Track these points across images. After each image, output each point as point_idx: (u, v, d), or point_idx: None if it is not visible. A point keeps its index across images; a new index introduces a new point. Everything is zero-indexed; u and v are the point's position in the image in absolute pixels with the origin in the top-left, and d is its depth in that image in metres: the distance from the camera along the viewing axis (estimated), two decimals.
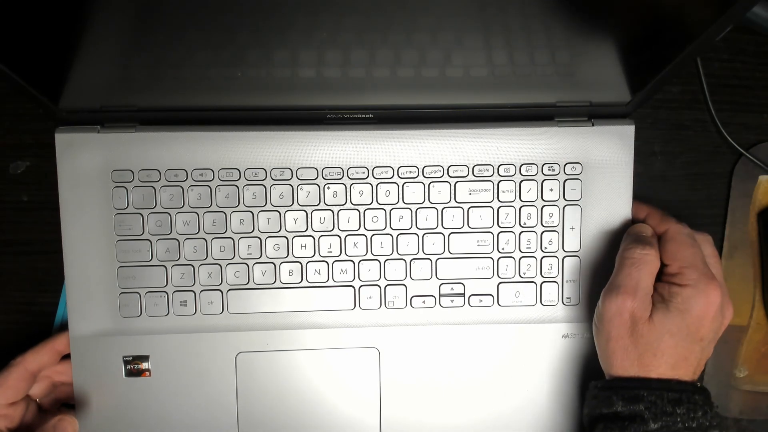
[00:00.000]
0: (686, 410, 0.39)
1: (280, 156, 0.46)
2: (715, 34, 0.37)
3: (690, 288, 0.41)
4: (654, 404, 0.40)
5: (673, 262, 0.42)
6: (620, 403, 0.40)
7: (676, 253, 0.42)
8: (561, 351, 0.48)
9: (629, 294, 0.42)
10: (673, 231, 0.43)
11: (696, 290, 0.41)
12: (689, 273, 0.41)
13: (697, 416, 0.40)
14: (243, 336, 0.47)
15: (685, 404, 0.40)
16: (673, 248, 0.42)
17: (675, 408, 0.40)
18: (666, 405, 0.40)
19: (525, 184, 0.47)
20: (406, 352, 0.48)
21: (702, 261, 0.42)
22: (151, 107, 0.45)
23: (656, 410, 0.39)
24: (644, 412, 0.40)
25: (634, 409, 0.40)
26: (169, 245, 0.46)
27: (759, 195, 0.51)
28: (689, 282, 0.41)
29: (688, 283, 0.41)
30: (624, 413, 0.40)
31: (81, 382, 0.46)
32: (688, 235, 0.43)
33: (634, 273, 0.42)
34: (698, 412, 0.40)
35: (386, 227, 0.47)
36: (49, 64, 0.40)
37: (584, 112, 0.47)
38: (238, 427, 0.47)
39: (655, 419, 0.39)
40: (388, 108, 0.46)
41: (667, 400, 0.40)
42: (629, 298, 0.41)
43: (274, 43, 0.38)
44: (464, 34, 0.38)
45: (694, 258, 0.42)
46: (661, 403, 0.40)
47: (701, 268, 0.42)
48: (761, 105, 0.51)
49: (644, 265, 0.42)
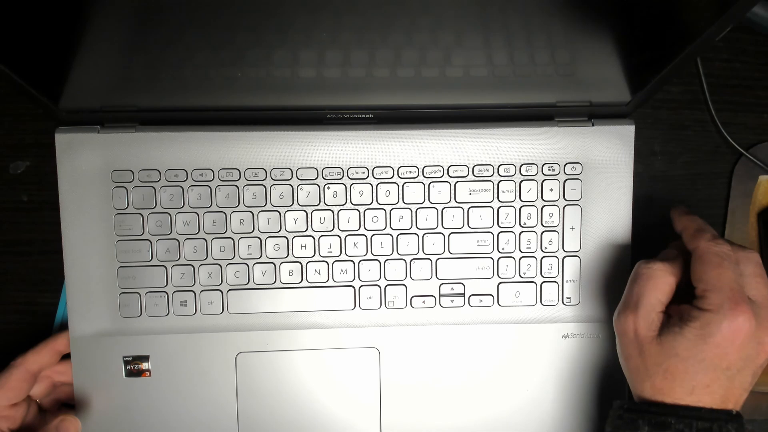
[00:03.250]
0: None
1: (280, 156, 0.46)
2: (715, 34, 0.37)
3: (711, 313, 0.38)
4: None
5: (698, 284, 0.40)
6: (646, 428, 0.38)
7: (700, 274, 0.40)
8: (561, 351, 0.48)
9: (630, 310, 0.41)
10: (701, 250, 0.40)
11: (719, 316, 0.38)
12: (712, 297, 0.39)
13: None
14: (243, 336, 0.47)
15: None
16: (698, 269, 0.40)
17: None
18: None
19: (525, 184, 0.47)
20: (406, 353, 0.48)
21: (731, 284, 0.39)
22: (151, 107, 0.45)
23: None
24: None
25: None
26: (169, 245, 0.46)
27: (759, 195, 0.51)
28: (711, 307, 0.38)
29: (709, 308, 0.38)
30: None
31: (81, 382, 0.46)
32: (718, 254, 0.40)
33: (635, 288, 0.41)
34: None
35: (386, 227, 0.47)
36: (49, 64, 0.40)
37: (584, 112, 0.47)
38: (238, 427, 0.47)
39: None
40: (388, 108, 0.46)
41: (696, 429, 0.38)
42: (630, 314, 0.40)
43: (274, 43, 0.38)
44: (464, 34, 0.38)
45: (719, 280, 0.39)
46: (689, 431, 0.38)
47: (727, 292, 0.38)
48: (761, 105, 0.51)
49: (647, 281, 0.41)
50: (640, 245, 0.48)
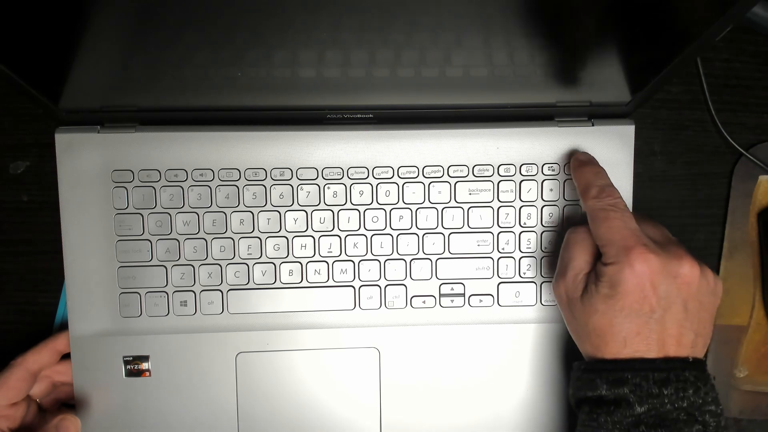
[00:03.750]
0: (674, 390, 0.37)
1: (280, 156, 0.46)
2: (715, 34, 0.37)
3: (613, 266, 0.39)
4: (639, 386, 0.37)
5: (597, 242, 0.41)
6: (604, 386, 0.38)
7: (595, 231, 0.41)
8: (561, 351, 0.48)
9: (560, 275, 0.42)
10: (589, 208, 0.42)
11: (619, 266, 0.39)
12: (608, 250, 0.39)
13: (688, 395, 0.37)
14: (243, 336, 0.47)
15: (674, 383, 0.37)
16: (592, 228, 0.41)
17: (662, 389, 0.37)
18: (652, 386, 0.37)
19: (525, 184, 0.47)
20: (406, 352, 0.48)
21: (621, 232, 0.39)
22: (151, 107, 0.45)
23: (641, 393, 0.37)
24: (629, 395, 0.37)
25: (618, 393, 0.38)
26: (169, 245, 0.46)
27: (759, 195, 0.51)
28: (611, 260, 0.39)
29: (610, 261, 0.39)
30: (609, 397, 0.38)
31: (81, 382, 0.46)
32: (603, 208, 0.41)
33: (564, 254, 0.43)
34: (689, 390, 0.37)
35: (386, 227, 0.47)
36: (49, 64, 0.40)
37: (584, 112, 0.47)
38: (238, 427, 0.47)
39: (641, 402, 0.37)
40: (388, 108, 0.46)
41: (653, 381, 0.37)
42: (561, 278, 0.42)
43: (274, 43, 0.38)
44: (464, 34, 0.38)
45: (609, 233, 0.40)
46: (646, 384, 0.37)
47: (619, 241, 0.39)
48: (761, 105, 0.51)
49: (573, 245, 0.42)
50: None
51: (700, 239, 0.51)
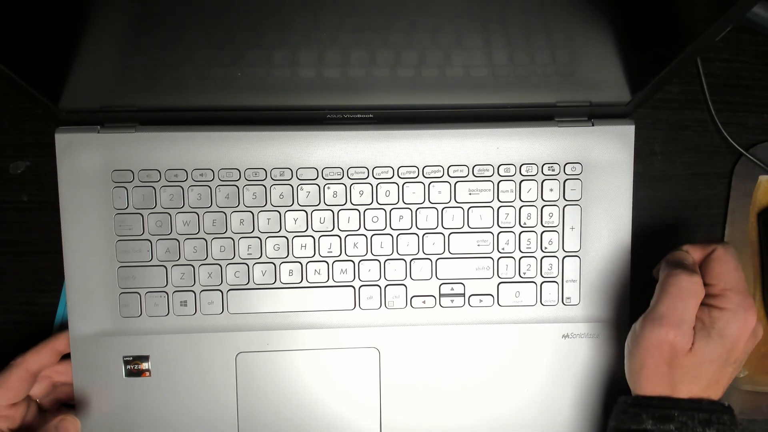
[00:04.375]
0: (716, 431, 0.39)
1: (280, 156, 0.46)
2: (715, 34, 0.37)
3: (729, 312, 0.40)
4: (684, 425, 0.39)
5: (718, 283, 0.41)
6: (650, 421, 0.39)
7: (721, 274, 0.41)
8: (561, 351, 0.48)
9: (672, 327, 0.40)
10: (722, 250, 0.42)
11: (735, 315, 0.40)
12: (732, 296, 0.40)
13: None
14: (243, 336, 0.47)
15: (715, 425, 0.39)
16: (719, 269, 0.41)
17: (705, 429, 0.39)
18: (696, 426, 0.39)
19: (525, 184, 0.47)
20: (406, 353, 0.48)
21: (745, 284, 0.41)
22: (151, 107, 0.45)
23: (686, 431, 0.39)
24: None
25: (664, 429, 0.39)
26: (169, 245, 0.46)
27: (759, 195, 0.51)
28: (730, 306, 0.40)
29: (728, 307, 0.40)
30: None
31: (81, 382, 0.46)
32: (734, 255, 0.42)
33: (679, 305, 0.40)
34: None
35: (386, 227, 0.47)
36: (49, 64, 0.40)
37: (584, 112, 0.47)
38: (238, 427, 0.47)
39: None
40: (388, 108, 0.46)
41: (698, 421, 0.39)
42: (672, 331, 0.40)
43: (274, 43, 0.38)
44: (464, 34, 0.38)
45: (739, 281, 0.41)
46: (691, 423, 0.39)
47: (743, 291, 0.41)
48: (761, 105, 0.51)
49: (691, 297, 0.40)
50: (640, 245, 0.48)
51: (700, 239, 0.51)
